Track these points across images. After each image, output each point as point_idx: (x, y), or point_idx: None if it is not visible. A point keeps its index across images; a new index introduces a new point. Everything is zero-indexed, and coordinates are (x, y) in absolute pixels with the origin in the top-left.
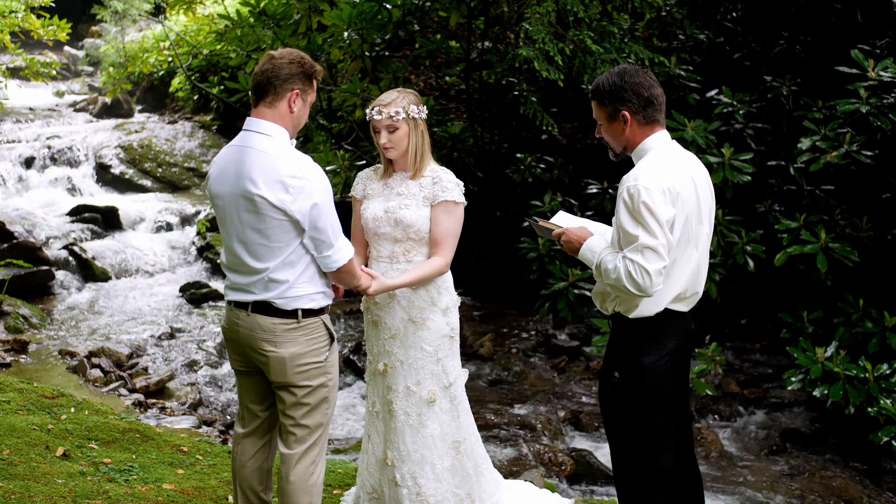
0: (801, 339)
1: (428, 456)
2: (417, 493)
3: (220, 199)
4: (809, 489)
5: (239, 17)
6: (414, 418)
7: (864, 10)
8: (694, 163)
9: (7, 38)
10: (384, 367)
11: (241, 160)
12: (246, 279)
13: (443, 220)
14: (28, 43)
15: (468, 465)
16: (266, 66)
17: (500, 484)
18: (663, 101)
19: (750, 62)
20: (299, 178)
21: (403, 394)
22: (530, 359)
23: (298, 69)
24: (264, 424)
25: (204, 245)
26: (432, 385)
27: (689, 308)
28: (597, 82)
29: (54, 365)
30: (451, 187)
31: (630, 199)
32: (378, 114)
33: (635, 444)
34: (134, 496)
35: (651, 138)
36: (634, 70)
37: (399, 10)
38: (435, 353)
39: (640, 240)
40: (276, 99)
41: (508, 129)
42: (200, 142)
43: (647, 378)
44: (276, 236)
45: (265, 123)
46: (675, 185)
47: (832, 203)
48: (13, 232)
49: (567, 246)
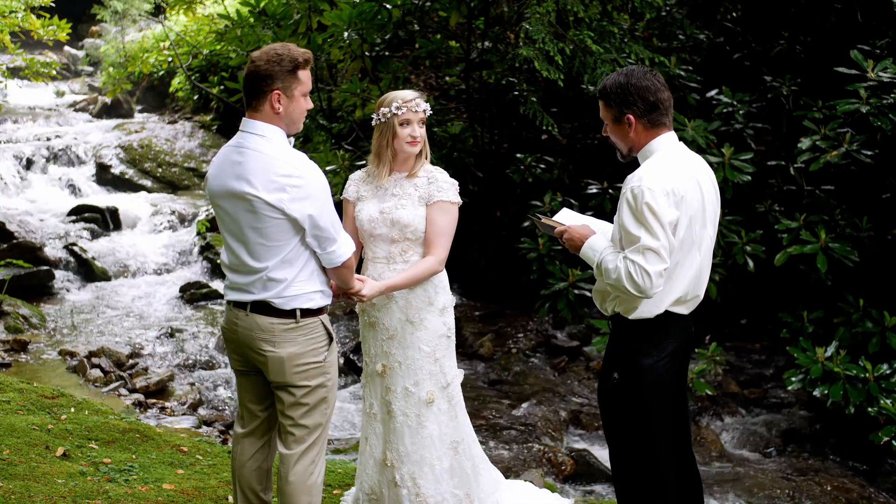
0: (801, 338)
1: (427, 457)
2: (417, 493)
3: (218, 199)
4: (809, 489)
5: (239, 17)
6: (413, 419)
7: (864, 10)
8: (700, 165)
9: (7, 38)
10: (382, 368)
11: (237, 161)
12: (245, 278)
13: (437, 220)
14: (28, 43)
15: (466, 465)
16: (248, 69)
17: (500, 483)
18: (670, 105)
19: (750, 62)
20: (296, 178)
21: (402, 395)
22: (530, 359)
23: (276, 67)
24: (264, 424)
25: (204, 245)
26: (430, 385)
27: (690, 311)
28: (604, 83)
29: (54, 365)
30: (446, 187)
31: (633, 200)
32: (417, 106)
33: (634, 445)
34: (134, 496)
35: (658, 140)
36: (642, 73)
37: (399, 10)
38: (433, 354)
39: (642, 241)
40: (259, 102)
41: (508, 129)
42: (200, 142)
43: (645, 379)
44: (274, 235)
45: (259, 124)
46: (680, 188)
47: (832, 203)
48: (13, 232)
49: (569, 244)
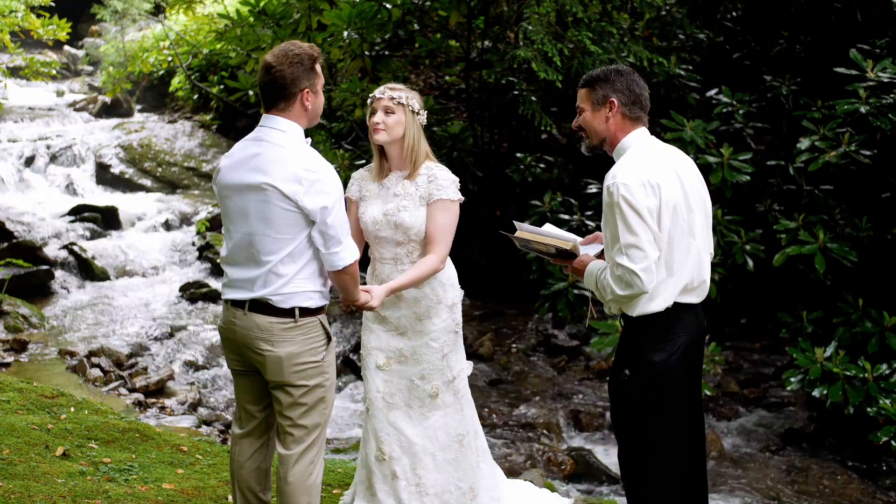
0: (801, 339)
1: (430, 448)
2: (417, 483)
3: (229, 190)
4: (809, 489)
5: (239, 17)
6: (416, 411)
7: (863, 10)
8: (676, 155)
9: (7, 37)
10: (386, 360)
11: (255, 153)
12: (246, 272)
13: (438, 218)
14: (28, 42)
15: (472, 458)
16: (268, 78)
17: (500, 480)
18: (648, 105)
19: (750, 62)
20: (313, 172)
21: (406, 387)
22: (530, 358)
23: (299, 68)
24: (261, 425)
25: (204, 245)
26: (436, 380)
27: (700, 299)
28: (590, 72)
29: (54, 364)
30: (446, 185)
31: (610, 197)
32: (381, 93)
33: (645, 442)
34: (134, 496)
35: (630, 136)
36: (628, 70)
37: (399, 10)
38: (441, 349)
39: (622, 240)
40: (288, 104)
41: (508, 129)
42: (200, 141)
43: (658, 376)
44: (283, 228)
45: (280, 120)
46: (654, 177)
47: (831, 203)
48: (13, 231)
49: (575, 273)
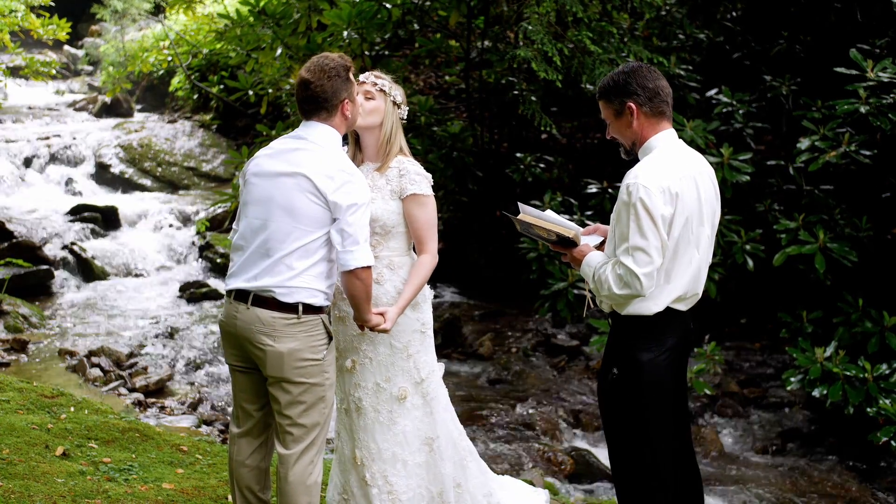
0: (801, 338)
1: (399, 453)
2: (389, 491)
3: (259, 178)
4: (809, 489)
5: (239, 17)
6: (384, 415)
7: (863, 10)
8: (699, 163)
9: (7, 37)
10: (352, 363)
11: (295, 148)
12: (253, 261)
13: (418, 216)
14: (28, 42)
15: (442, 463)
16: (307, 94)
17: (488, 476)
18: (669, 94)
19: (750, 62)
20: (347, 174)
21: (373, 390)
22: (530, 358)
23: (338, 81)
24: (259, 424)
25: (204, 245)
26: (403, 381)
27: (689, 308)
28: (602, 82)
29: (54, 364)
30: (418, 179)
31: (628, 196)
32: (365, 77)
33: (633, 441)
34: (133, 495)
35: (657, 136)
36: (638, 65)
37: (399, 10)
38: (405, 350)
39: (631, 240)
40: (330, 114)
41: (508, 129)
42: (200, 141)
43: (645, 375)
44: (304, 220)
45: (321, 126)
46: (675, 186)
47: (831, 203)
48: (13, 231)
49: (571, 262)
